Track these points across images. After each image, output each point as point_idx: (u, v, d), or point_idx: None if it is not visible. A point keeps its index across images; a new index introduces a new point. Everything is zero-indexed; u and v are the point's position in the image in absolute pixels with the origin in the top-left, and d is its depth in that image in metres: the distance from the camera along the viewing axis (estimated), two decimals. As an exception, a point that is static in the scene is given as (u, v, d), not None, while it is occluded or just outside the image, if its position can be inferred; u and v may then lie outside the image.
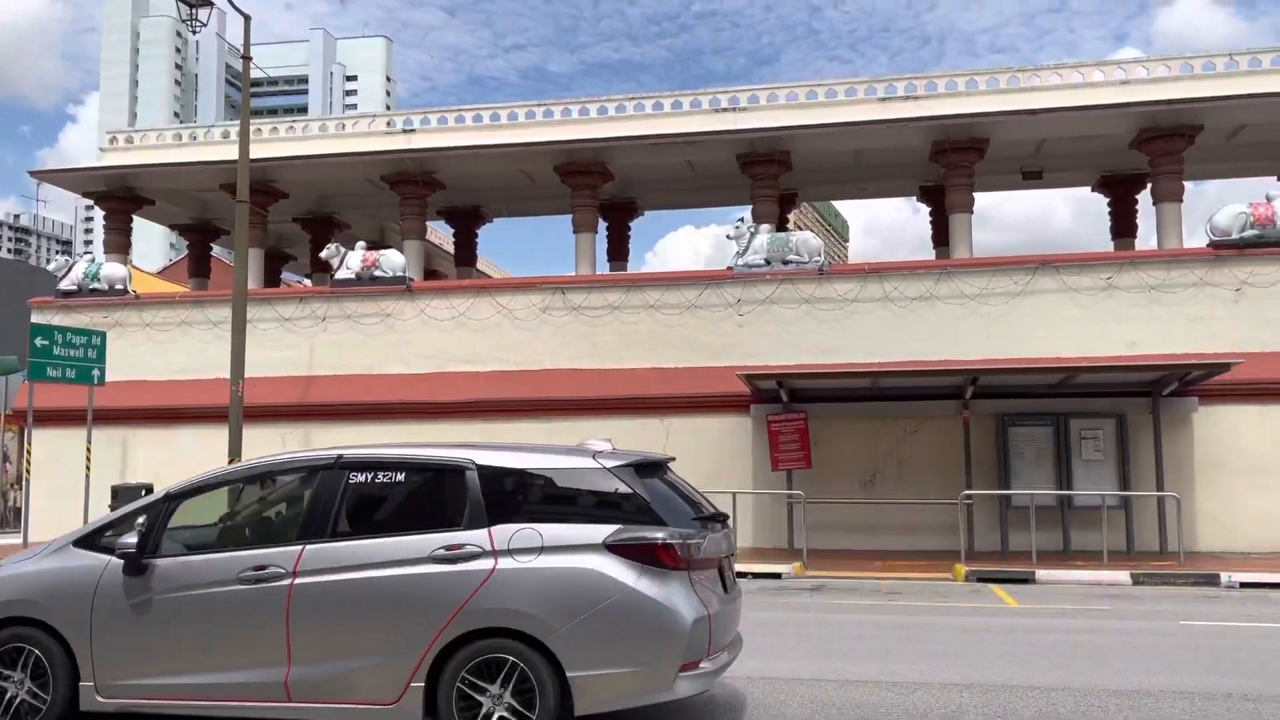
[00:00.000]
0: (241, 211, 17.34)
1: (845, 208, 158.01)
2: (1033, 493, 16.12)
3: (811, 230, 28.15)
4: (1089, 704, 6.95)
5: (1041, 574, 14.45)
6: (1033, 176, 24.40)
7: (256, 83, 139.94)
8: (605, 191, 24.20)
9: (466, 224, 28.50)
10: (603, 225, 26.36)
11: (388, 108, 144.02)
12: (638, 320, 19.64)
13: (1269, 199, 18.01)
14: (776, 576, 14.91)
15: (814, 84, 21.38)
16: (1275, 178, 24.33)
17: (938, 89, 20.89)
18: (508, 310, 20.17)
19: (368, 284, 20.98)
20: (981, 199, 32.22)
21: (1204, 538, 17.00)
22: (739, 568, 15.04)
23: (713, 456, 18.65)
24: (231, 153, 21.77)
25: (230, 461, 17.64)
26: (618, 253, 27.63)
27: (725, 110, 21.62)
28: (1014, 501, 16.73)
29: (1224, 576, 13.98)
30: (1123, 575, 14.22)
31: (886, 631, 10.09)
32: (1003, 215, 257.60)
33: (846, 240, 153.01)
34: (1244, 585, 13.75)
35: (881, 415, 18.21)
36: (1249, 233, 17.79)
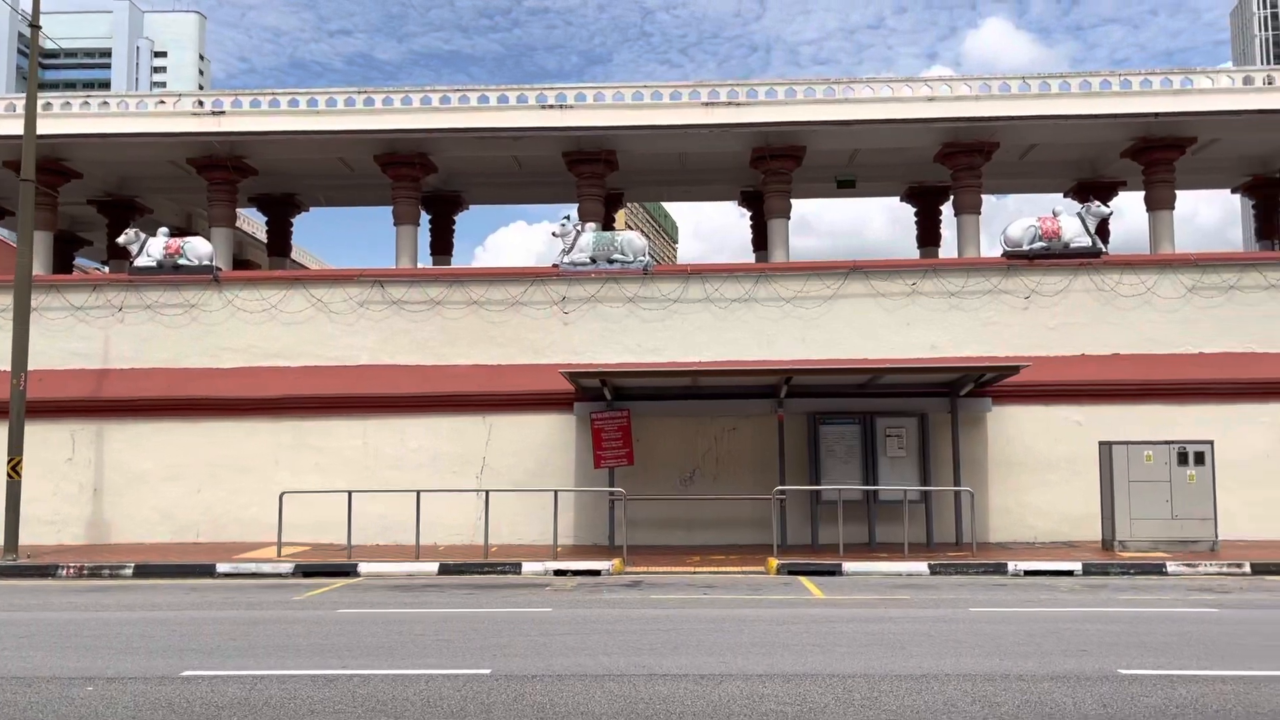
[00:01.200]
0: (26, 191, 16.06)
1: (676, 210, 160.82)
2: (841, 488, 16.80)
3: (642, 231, 28.40)
4: (882, 689, 7.26)
5: (848, 566, 15.07)
6: (846, 185, 25.49)
7: (50, 54, 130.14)
8: (428, 183, 23.73)
9: (280, 212, 27.36)
10: (426, 218, 25.85)
11: (201, 88, 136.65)
12: (461, 316, 19.32)
13: (1055, 214, 19.39)
14: (596, 573, 14.96)
15: (640, 85, 21.61)
16: (1062, 194, 26.30)
17: (759, 96, 21.50)
18: (323, 303, 19.46)
19: (171, 273, 19.80)
20: (802, 205, 33.32)
21: (995, 529, 18.15)
22: (560, 565, 15.12)
23: (536, 455, 18.56)
24: (18, 127, 20.11)
25: (11, 462, 16.32)
26: (441, 247, 27.14)
27: (552, 107, 21.57)
28: (824, 497, 17.39)
29: (1011, 565, 14.96)
30: (921, 566, 15.00)
31: (699, 625, 10.27)
32: (823, 222, 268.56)
33: (676, 242, 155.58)
34: (1028, 573, 14.75)
35: (701, 414, 18.57)
36: (1037, 245, 19.11)
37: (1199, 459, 16.35)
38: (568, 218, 19.76)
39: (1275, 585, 13.54)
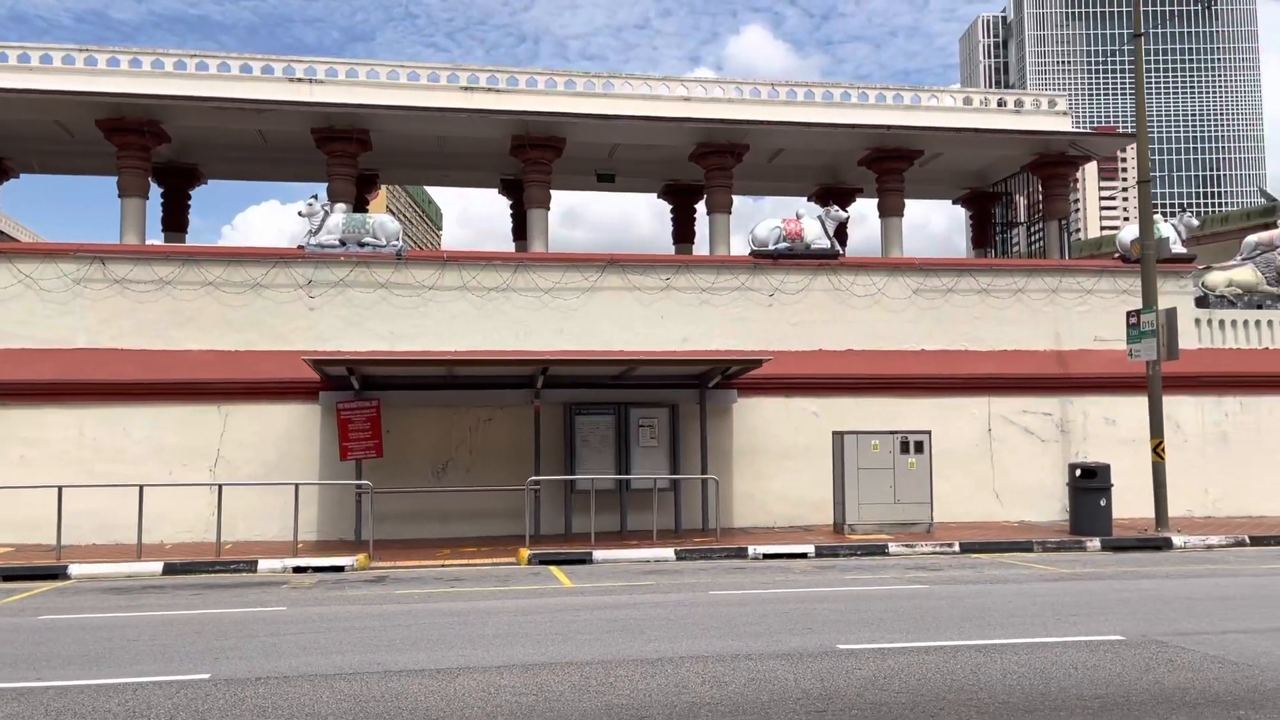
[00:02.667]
0: None
1: (442, 196, 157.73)
2: (594, 477, 16.98)
3: (402, 216, 27.50)
4: (618, 674, 7.34)
5: (599, 554, 15.25)
6: (606, 179, 25.81)
7: None
8: (161, 154, 21.97)
9: (-14, 178, 24.54)
10: (158, 191, 23.93)
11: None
12: (195, 298, 18.01)
13: (799, 216, 20.44)
14: (339, 570, 14.36)
15: (397, 64, 20.94)
16: (806, 198, 27.78)
17: (520, 84, 21.37)
18: (31, 279, 17.58)
19: None
20: (571, 197, 33.31)
21: (740, 515, 18.92)
22: (300, 562, 14.39)
23: (278, 446, 17.61)
24: None
25: None
26: (175, 223, 25.22)
27: (301, 81, 20.51)
28: (578, 486, 17.52)
29: (751, 549, 15.64)
30: (668, 552, 15.40)
31: (442, 619, 10.04)
32: (591, 214, 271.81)
33: (440, 228, 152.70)
34: (766, 556, 15.46)
35: (457, 404, 18.25)
36: (781, 245, 20.07)
37: (919, 448, 17.72)
38: (315, 197, 18.83)
39: (979, 562, 14.86)
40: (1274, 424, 21.06)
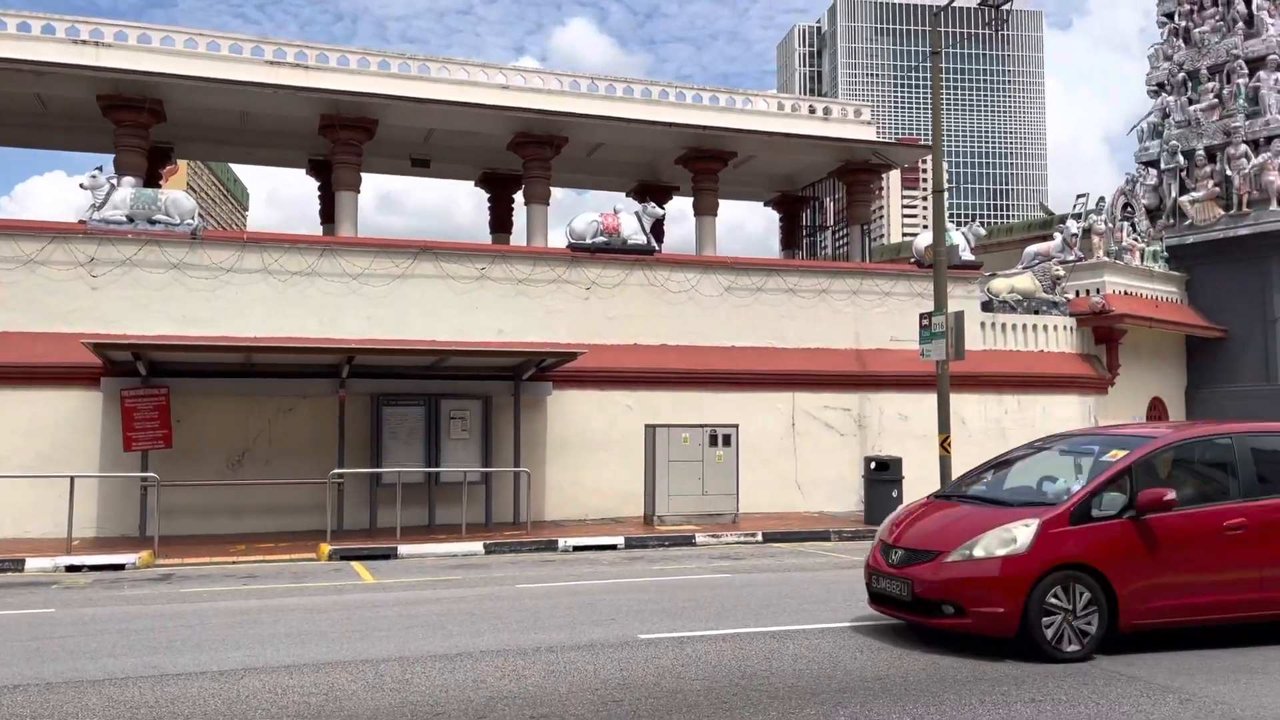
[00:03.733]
0: None
1: (250, 175, 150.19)
2: (401, 470, 16.56)
3: (207, 195, 25.94)
4: (415, 671, 7.15)
5: (404, 549, 14.88)
6: (421, 165, 25.20)
7: None
8: (-79, 116, 19.89)
9: None
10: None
11: None
12: (-42, 274, 16.39)
13: (616, 211, 20.56)
14: (119, 568, 13.42)
15: (194, 32, 19.71)
16: (625, 193, 28.02)
17: (330, 62, 20.54)
18: None
19: None
20: (389, 181, 32.29)
21: (552, 508, 18.88)
22: (74, 560, 13.34)
23: (53, 436, 16.28)
24: None
25: None
26: (-59, 192, 22.91)
27: (86, 43, 19.00)
28: (384, 479, 17.04)
29: (562, 542, 15.63)
30: (477, 546, 15.20)
31: (230, 618, 9.53)
32: (411, 200, 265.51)
33: (247, 209, 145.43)
34: (577, 549, 15.50)
35: (255, 392, 17.38)
36: (599, 239, 20.15)
37: (726, 441, 18.19)
38: (99, 169, 17.48)
39: (779, 551, 15.38)
40: (1047, 421, 22.76)
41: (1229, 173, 25.58)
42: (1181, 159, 26.67)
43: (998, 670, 7.09)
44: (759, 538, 16.59)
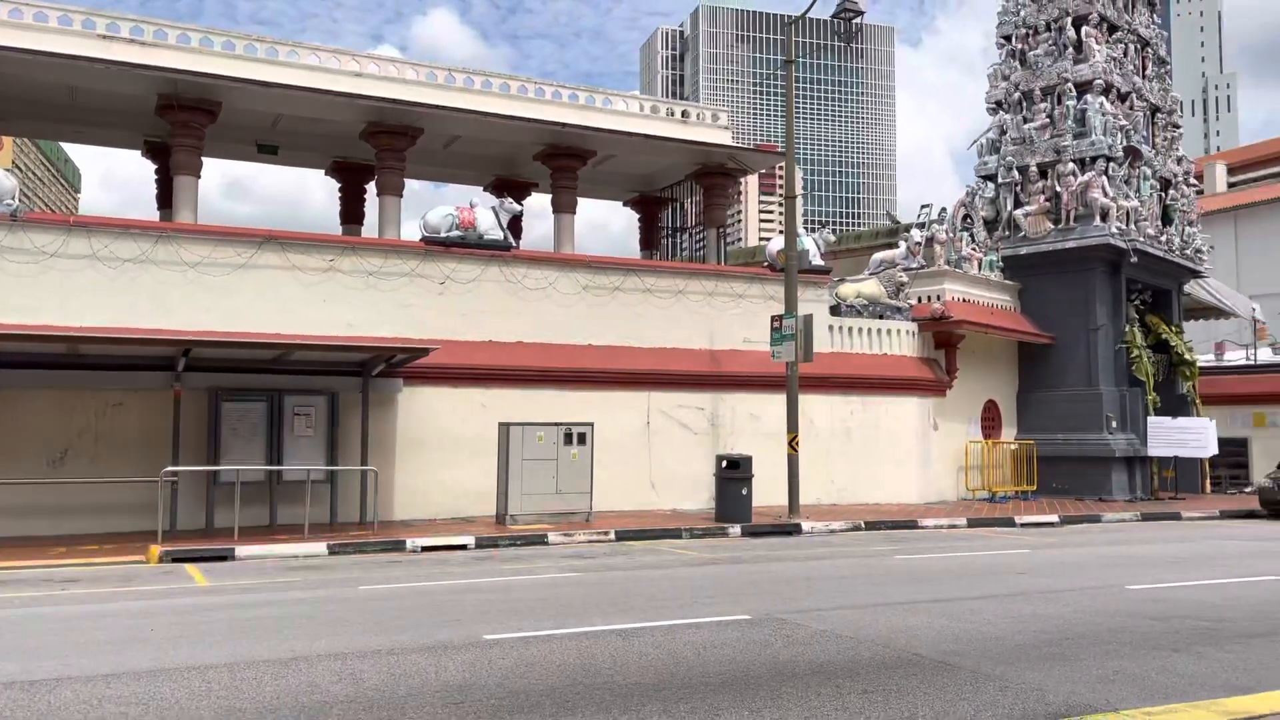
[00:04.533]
0: None
1: (82, 156, 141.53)
2: (239, 469, 15.88)
3: (34, 174, 24.23)
4: (245, 677, 6.84)
5: (242, 550, 14.27)
6: (268, 151, 24.24)
7: None
8: None
9: None
10: None
11: None
12: None
13: (472, 206, 20.26)
14: (-80, 574, 12.38)
15: (19, 2, 18.39)
16: (483, 188, 27.68)
17: (169, 39, 19.51)
18: None
19: None
20: (237, 168, 30.91)
21: (402, 507, 18.46)
22: None
23: None
24: None
25: None
26: None
27: (-108, 5, 17.48)
28: (222, 478, 16.28)
29: (410, 542, 15.30)
30: (320, 547, 14.71)
31: (45, 625, 8.91)
32: (260, 187, 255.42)
33: (79, 191, 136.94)
34: (426, 549, 15.19)
35: (80, 386, 16.36)
36: (454, 233, 19.82)
37: (581, 439, 18.17)
38: (-95, 142, 16.14)
39: (632, 550, 15.47)
40: (889, 421, 23.69)
41: (1058, 189, 27.14)
42: (1016, 174, 28.13)
43: (835, 663, 7.29)
44: (612, 536, 16.64)
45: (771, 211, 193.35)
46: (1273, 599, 10.25)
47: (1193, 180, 31.66)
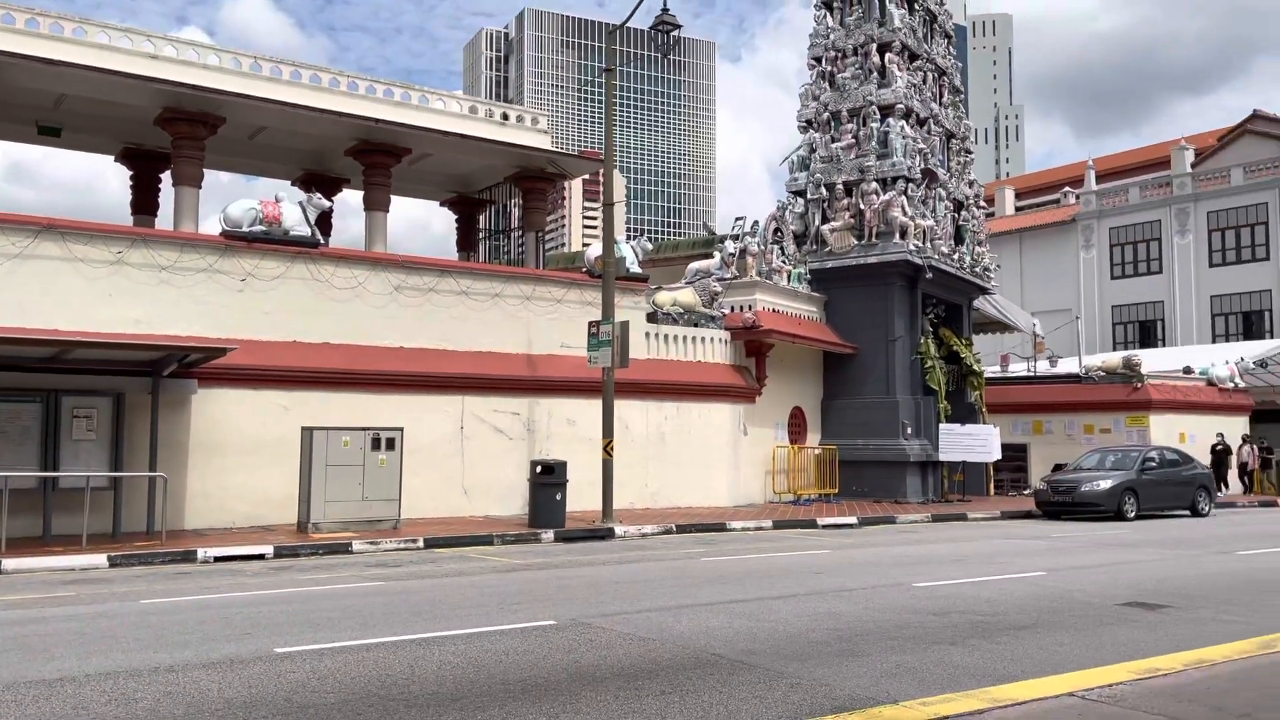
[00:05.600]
0: None
1: None
2: (8, 474, 14.59)
3: None
4: (2, 701, 6.26)
5: (9, 563, 13.14)
6: (50, 133, 22.47)
7: None
8: None
9: None
10: None
11: None
12: None
13: (278, 200, 19.41)
14: None
15: None
16: (291, 182, 26.60)
17: (-65, 5, 17.81)
18: None
19: None
20: (20, 151, 28.43)
21: (195, 515, 17.45)
22: None
23: None
24: None
25: None
26: None
27: None
28: (-12, 486, 14.91)
29: (202, 552, 14.46)
30: (100, 559, 13.71)
31: None
32: (47, 173, 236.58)
33: None
34: (219, 559, 14.41)
35: None
36: (258, 228, 18.93)
37: (390, 444, 17.68)
38: None
39: (440, 557, 15.15)
40: (701, 427, 24.23)
41: (862, 206, 28.50)
42: (824, 191, 29.37)
43: (636, 665, 7.34)
44: (420, 544, 16.26)
45: (595, 217, 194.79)
46: (1040, 593, 11.05)
47: (983, 203, 33.93)
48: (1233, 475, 33.86)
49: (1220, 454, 29.75)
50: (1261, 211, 47.38)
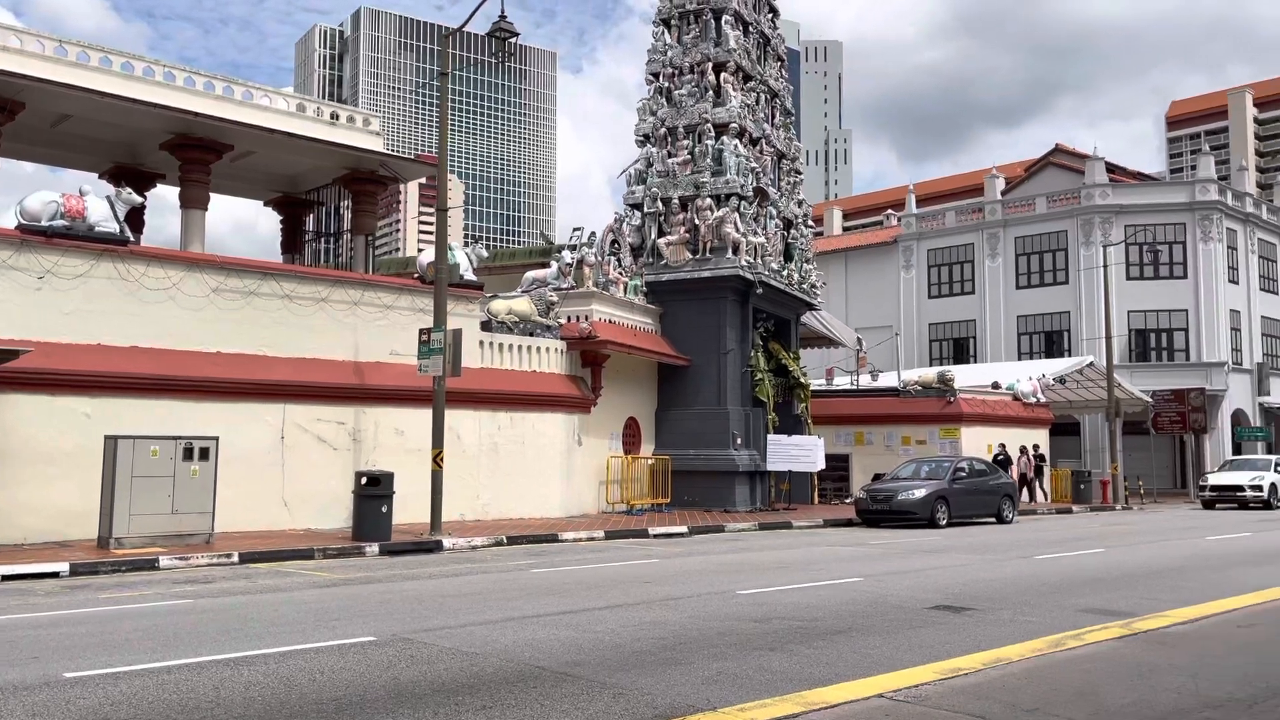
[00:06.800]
0: None
1: None
2: None
3: None
4: None
5: None
6: None
7: None
8: None
9: None
10: None
11: None
12: None
13: (82, 193, 18.15)
14: None
15: None
16: (98, 175, 24.95)
17: None
18: None
19: None
20: None
21: (-20, 532, 16.06)
22: None
23: None
24: None
25: None
26: None
27: None
28: None
29: (-15, 572, 13.31)
30: None
31: None
32: None
33: None
34: (7, 578, 13.28)
35: None
36: (59, 223, 17.64)
37: (204, 454, 16.76)
38: None
39: (256, 572, 14.45)
40: (535, 437, 24.09)
41: (697, 221, 29.06)
42: (661, 205, 29.79)
43: (458, 680, 7.17)
44: (235, 558, 15.47)
45: (432, 222, 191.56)
46: (856, 598, 11.47)
47: (811, 222, 35.20)
48: (1043, 484, 36.33)
49: (1000, 464, 31.80)
50: (1062, 239, 51.05)
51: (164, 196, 26.57)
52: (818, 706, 6.41)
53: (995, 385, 37.88)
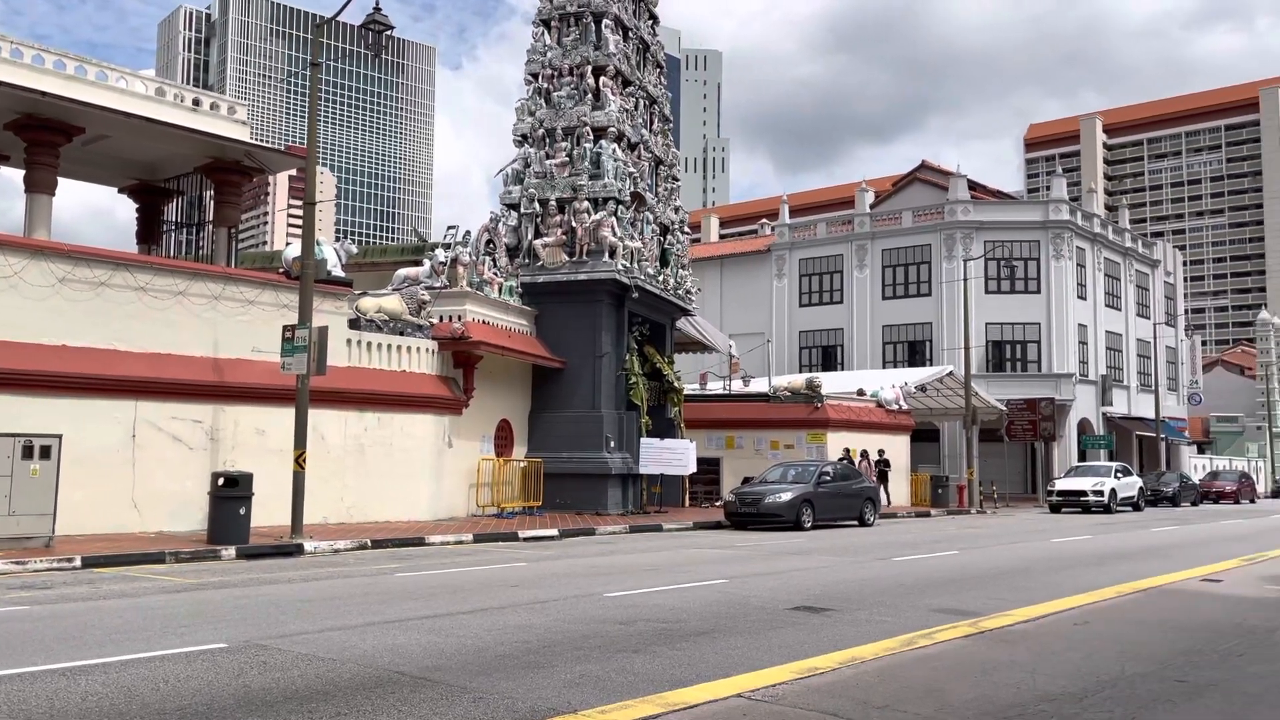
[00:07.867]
0: None
1: None
2: None
3: None
4: None
5: None
6: None
7: None
8: None
9: None
10: None
11: None
12: None
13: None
14: None
15: None
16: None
17: None
18: None
19: None
20: None
21: None
22: None
23: None
24: None
25: None
26: None
27: None
28: None
29: None
30: None
31: None
32: None
33: None
34: None
35: None
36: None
37: (45, 453, 15.82)
38: None
39: (100, 577, 13.73)
40: (404, 439, 23.63)
41: (574, 224, 29.03)
42: (538, 206, 29.64)
43: (312, 687, 6.96)
44: (77, 563, 14.65)
45: (300, 217, 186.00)
46: (721, 600, 11.64)
47: (687, 229, 35.59)
48: (901, 488, 37.64)
49: (848, 468, 32.69)
50: (926, 251, 53.09)
51: (9, 179, 25.03)
52: (677, 707, 6.47)
53: (860, 392, 39.08)
